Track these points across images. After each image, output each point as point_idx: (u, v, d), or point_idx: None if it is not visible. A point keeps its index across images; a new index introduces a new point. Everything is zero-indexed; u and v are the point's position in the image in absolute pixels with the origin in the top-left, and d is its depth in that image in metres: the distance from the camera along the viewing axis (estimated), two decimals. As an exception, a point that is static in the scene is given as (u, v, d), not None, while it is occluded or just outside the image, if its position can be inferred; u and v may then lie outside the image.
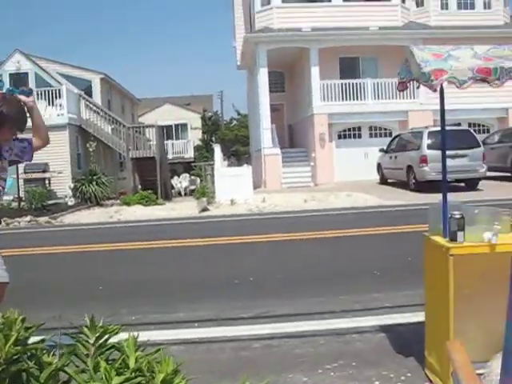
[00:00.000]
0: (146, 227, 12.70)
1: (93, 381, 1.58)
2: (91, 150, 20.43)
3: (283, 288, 5.93)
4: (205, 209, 15.33)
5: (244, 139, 39.51)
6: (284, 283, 6.18)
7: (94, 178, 19.31)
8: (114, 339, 1.83)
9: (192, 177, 28.94)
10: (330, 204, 14.87)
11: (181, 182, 27.61)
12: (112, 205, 18.68)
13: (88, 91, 26.29)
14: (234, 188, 16.63)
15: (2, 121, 3.06)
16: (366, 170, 21.36)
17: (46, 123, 3.62)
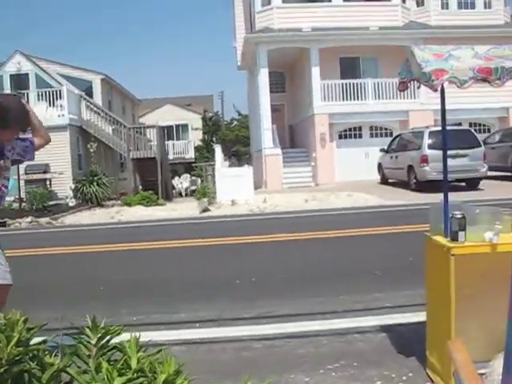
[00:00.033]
0: (147, 228, 12.70)
1: (95, 381, 1.58)
2: (92, 151, 20.45)
3: (284, 288, 5.93)
4: (206, 209, 15.33)
5: (245, 139, 39.52)
6: (285, 283, 6.18)
7: (95, 179, 19.32)
8: (116, 340, 1.83)
9: (193, 177, 28.96)
10: (331, 204, 14.88)
11: (182, 183, 27.61)
12: (113, 205, 18.70)
13: (89, 92, 26.31)
14: (235, 188, 16.63)
15: (5, 121, 3.07)
16: (367, 170, 21.37)
17: (47, 124, 3.65)
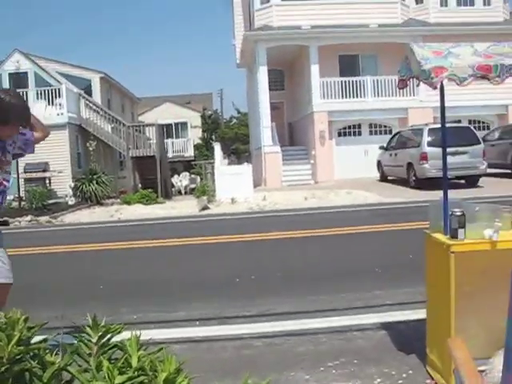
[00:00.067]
0: (147, 226, 12.70)
1: (95, 380, 1.59)
2: (91, 149, 20.44)
3: (284, 286, 5.93)
4: (205, 207, 15.33)
5: (244, 137, 39.50)
6: (285, 281, 6.18)
7: (95, 177, 19.30)
8: (117, 338, 1.83)
9: (192, 175, 28.96)
10: (330, 202, 14.88)
11: (181, 181, 27.61)
12: (112, 204, 18.69)
13: (88, 90, 26.28)
14: (235, 186, 16.63)
15: (6, 117, 3.08)
16: (366, 168, 21.36)
17: (46, 122, 3.66)
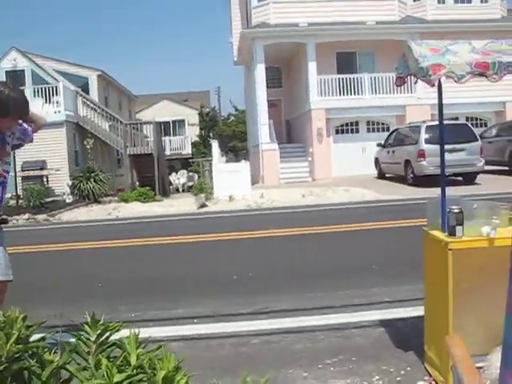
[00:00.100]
0: (144, 224, 12.69)
1: (94, 378, 1.59)
2: (89, 147, 20.42)
3: (282, 283, 5.94)
4: (203, 205, 15.33)
5: (242, 135, 39.46)
6: (283, 278, 6.19)
7: (92, 175, 19.28)
8: (115, 336, 1.83)
9: (190, 173, 28.98)
10: (328, 199, 14.89)
11: (179, 179, 27.61)
12: (110, 202, 18.67)
13: (85, 88, 26.23)
14: (232, 184, 16.63)
15: (6, 110, 3.09)
16: (364, 165, 21.37)
17: (44, 120, 3.66)
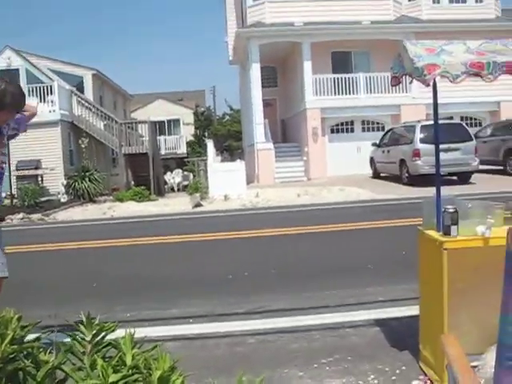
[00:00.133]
0: (139, 223, 12.67)
1: (90, 378, 1.58)
2: (83, 147, 20.36)
3: (277, 283, 5.94)
4: (198, 204, 15.32)
5: (237, 134, 39.45)
6: (278, 278, 6.19)
7: (87, 175, 19.23)
8: (111, 336, 1.83)
9: (185, 172, 28.95)
10: (323, 198, 14.90)
11: (174, 178, 27.57)
12: (105, 201, 18.64)
13: (80, 87, 26.14)
14: (228, 183, 16.62)
15: (3, 104, 3.09)
16: (359, 164, 21.40)
17: (38, 120, 3.66)
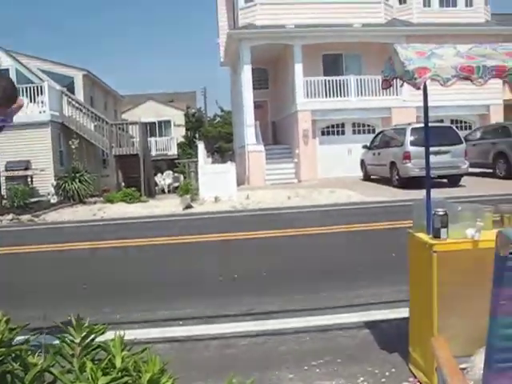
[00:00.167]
0: (130, 225, 12.62)
1: (79, 381, 1.57)
2: (74, 148, 20.23)
3: (267, 285, 5.94)
4: (188, 206, 15.29)
5: (227, 136, 39.44)
6: (268, 280, 6.18)
7: (77, 176, 19.12)
8: (100, 339, 1.82)
9: (175, 174, 28.91)
10: (314, 200, 14.93)
11: (164, 179, 27.52)
12: (95, 202, 18.55)
13: (70, 88, 26.00)
14: (218, 185, 16.61)
15: None
16: (350, 167, 21.47)
17: (28, 120, 3.63)
